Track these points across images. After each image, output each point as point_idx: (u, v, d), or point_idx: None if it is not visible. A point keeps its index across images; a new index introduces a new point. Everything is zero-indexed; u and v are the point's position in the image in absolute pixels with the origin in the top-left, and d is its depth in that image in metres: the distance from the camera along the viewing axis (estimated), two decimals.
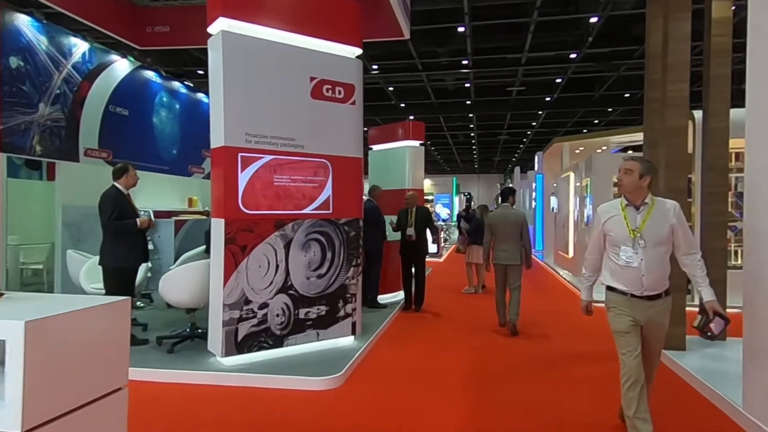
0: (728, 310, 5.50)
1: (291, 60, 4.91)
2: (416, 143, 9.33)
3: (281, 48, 4.87)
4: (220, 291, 4.53)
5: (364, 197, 7.11)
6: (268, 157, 4.77)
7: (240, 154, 4.61)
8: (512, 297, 6.13)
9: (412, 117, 21.51)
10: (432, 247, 13.62)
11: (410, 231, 7.10)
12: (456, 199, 25.36)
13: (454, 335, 6.20)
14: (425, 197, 24.06)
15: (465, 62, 15.77)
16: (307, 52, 5.02)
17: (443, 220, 22.74)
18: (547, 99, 19.21)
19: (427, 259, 8.32)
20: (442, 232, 17.48)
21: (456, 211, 22.94)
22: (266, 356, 4.79)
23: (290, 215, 4.92)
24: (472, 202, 32.69)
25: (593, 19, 12.92)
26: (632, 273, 3.03)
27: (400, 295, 7.78)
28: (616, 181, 8.29)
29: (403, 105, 19.97)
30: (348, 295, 5.33)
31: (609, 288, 3.20)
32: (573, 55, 15.15)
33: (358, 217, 5.39)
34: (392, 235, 7.49)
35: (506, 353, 5.48)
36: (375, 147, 9.83)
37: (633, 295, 3.06)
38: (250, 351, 4.70)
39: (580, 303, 3.46)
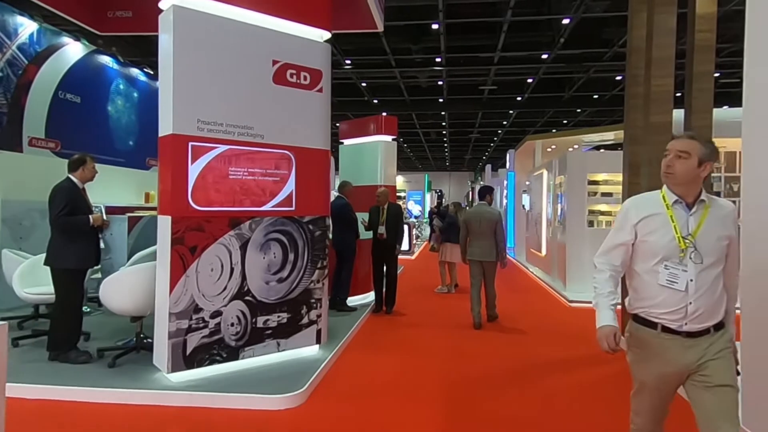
0: None
1: (251, 41, 4.34)
2: (389, 138, 8.82)
3: (241, 27, 4.29)
4: (166, 298, 3.94)
5: (333, 193, 6.58)
6: (222, 147, 4.19)
7: (190, 143, 4.02)
8: (488, 291, 6.31)
9: (385, 113, 21.00)
10: (404, 245, 13.17)
11: (381, 229, 6.62)
12: (428, 196, 25.04)
13: (427, 339, 5.75)
14: (397, 194, 23.76)
15: (438, 60, 15.39)
16: (270, 33, 4.46)
17: (415, 217, 22.37)
18: (518, 99, 19.04)
19: (400, 257, 7.91)
20: (414, 229, 17.05)
21: (428, 208, 22.61)
22: (219, 371, 4.21)
23: (247, 212, 4.36)
24: (444, 200, 32.52)
25: (565, 21, 12.70)
26: (674, 297, 2.10)
27: (370, 296, 7.29)
28: (594, 179, 8.12)
29: (376, 101, 19.46)
30: (312, 301, 4.80)
31: (634, 317, 2.28)
32: (544, 56, 14.95)
33: (325, 215, 4.86)
34: (364, 234, 6.99)
35: (483, 358, 5.05)
36: (346, 142, 9.29)
37: (668, 329, 2.13)
38: (200, 365, 4.12)
39: (596, 333, 2.18)
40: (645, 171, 5.07)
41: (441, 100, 19.37)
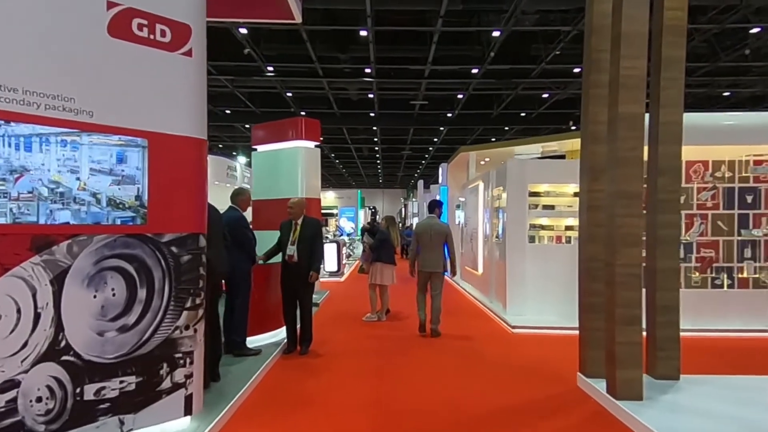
0: (683, 334, 4.25)
1: None
2: (311, 144, 7.40)
3: None
4: None
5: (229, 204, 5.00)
6: (19, 127, 2.56)
7: None
8: (434, 304, 6.16)
9: (303, 113, 19.55)
10: (331, 265, 11.60)
11: (291, 250, 5.09)
12: (361, 213, 23.69)
13: (348, 391, 4.27)
14: (328, 210, 22.03)
15: (368, 71, 14.24)
16: None
17: (347, 235, 20.90)
18: (449, 115, 18.34)
19: (330, 279, 6.47)
20: (345, 248, 15.56)
21: (360, 225, 21.21)
22: None
23: (64, 228, 2.73)
24: (377, 216, 31.26)
25: (495, 33, 11.98)
26: None
27: (282, 333, 5.63)
28: (535, 190, 7.07)
29: (303, 113, 17.93)
30: (178, 356, 3.19)
31: None
32: (475, 70, 14.23)
33: (197, 232, 3.29)
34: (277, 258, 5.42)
35: (418, 416, 3.66)
36: (260, 148, 7.73)
37: None
38: None
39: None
40: (609, 175, 3.98)
41: (372, 115, 18.25)
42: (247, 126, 18.03)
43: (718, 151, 6.27)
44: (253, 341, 5.23)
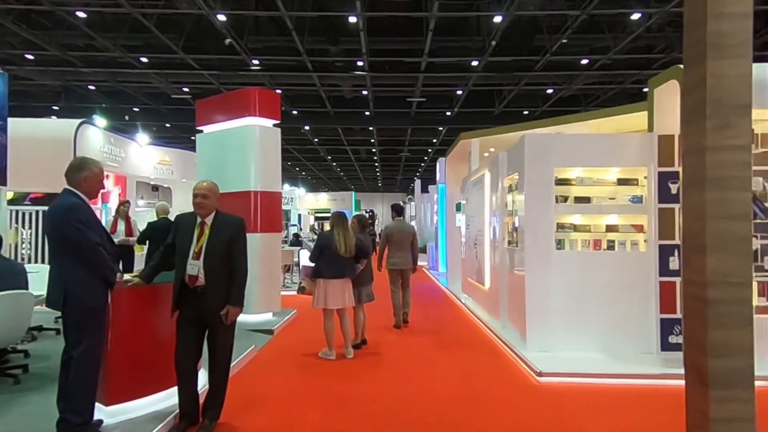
0: None
1: None
2: (268, 122, 5.34)
3: None
4: None
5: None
6: None
7: None
8: (404, 294, 6.18)
9: (307, 126, 17.59)
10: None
11: (193, 267, 2.91)
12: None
13: None
14: (323, 213, 19.52)
15: (360, 63, 12.41)
16: None
17: None
18: (448, 113, 16.46)
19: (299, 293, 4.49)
20: None
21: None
22: None
23: None
24: (377, 220, 29.04)
25: (497, 19, 10.06)
26: None
27: (171, 399, 3.11)
28: (564, 176, 4.35)
29: (295, 112, 16.05)
30: None
31: None
32: (475, 62, 12.35)
33: None
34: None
35: None
36: (206, 129, 5.66)
37: None
38: None
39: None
40: None
41: (368, 113, 16.31)
42: None
43: None
44: (115, 413, 2.92)
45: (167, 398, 3.13)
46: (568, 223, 4.75)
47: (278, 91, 14.24)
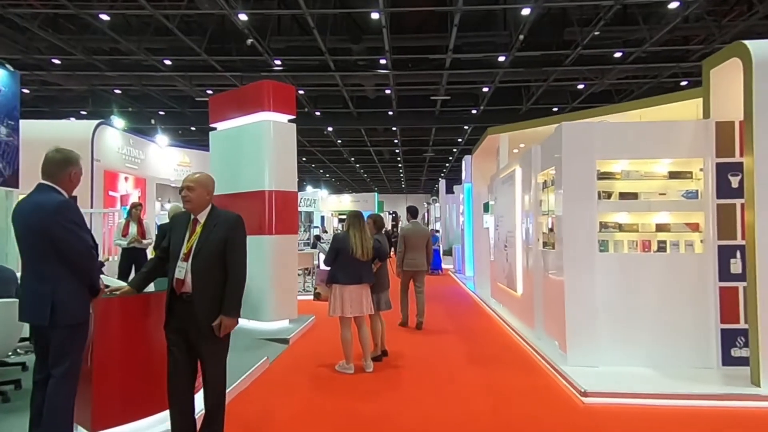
0: None
1: None
2: (282, 118, 5.02)
3: None
4: None
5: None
6: None
7: None
8: (419, 300, 6.17)
9: (330, 128, 17.35)
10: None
11: (181, 269, 2.48)
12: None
13: None
14: (341, 214, 19.17)
15: (383, 62, 12.05)
16: None
17: None
18: (473, 111, 15.89)
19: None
20: None
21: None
22: None
23: None
24: (400, 222, 28.62)
25: (525, 11, 9.52)
26: None
27: (165, 423, 2.65)
28: (607, 170, 3.62)
29: (318, 113, 15.79)
30: None
31: None
32: (501, 58, 11.80)
33: None
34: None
35: None
36: (220, 126, 5.39)
37: None
38: None
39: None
40: None
41: (391, 113, 15.95)
42: None
43: None
44: None
45: (160, 422, 2.71)
46: (613, 223, 4.22)
47: (301, 92, 14.13)
